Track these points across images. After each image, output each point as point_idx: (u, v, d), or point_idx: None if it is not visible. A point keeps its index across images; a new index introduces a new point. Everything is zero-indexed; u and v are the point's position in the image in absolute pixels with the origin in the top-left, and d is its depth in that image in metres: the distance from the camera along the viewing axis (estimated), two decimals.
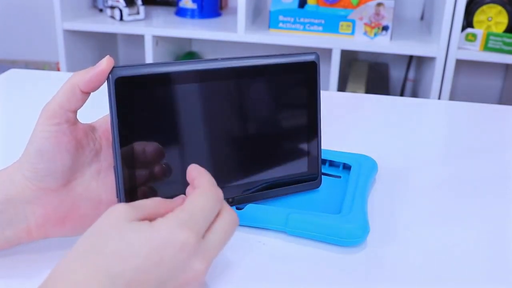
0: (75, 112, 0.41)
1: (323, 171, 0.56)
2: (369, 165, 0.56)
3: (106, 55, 0.41)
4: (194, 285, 0.36)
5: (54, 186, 0.41)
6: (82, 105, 0.41)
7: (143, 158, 0.43)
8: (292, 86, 0.49)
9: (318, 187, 0.52)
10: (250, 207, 0.48)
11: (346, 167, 0.57)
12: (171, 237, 0.35)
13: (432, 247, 0.47)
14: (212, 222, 0.38)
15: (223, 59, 0.45)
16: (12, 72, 0.88)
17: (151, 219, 0.36)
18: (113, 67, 0.40)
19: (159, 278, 0.34)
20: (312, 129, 0.50)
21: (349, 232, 0.45)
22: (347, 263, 0.44)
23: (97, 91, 0.41)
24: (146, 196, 0.42)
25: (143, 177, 0.43)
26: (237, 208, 0.48)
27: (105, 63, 0.40)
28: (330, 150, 0.57)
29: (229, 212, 0.39)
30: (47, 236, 0.42)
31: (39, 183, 0.41)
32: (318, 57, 0.49)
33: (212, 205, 0.38)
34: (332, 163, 0.58)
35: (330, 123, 0.72)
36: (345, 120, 0.74)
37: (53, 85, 0.42)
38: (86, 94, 0.41)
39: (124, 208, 0.36)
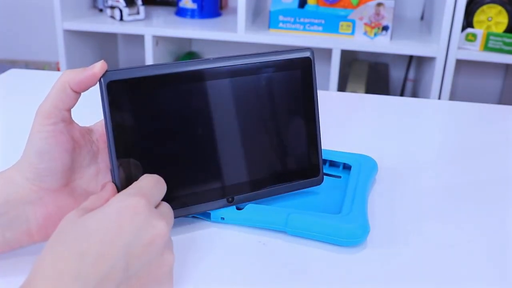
0: (69, 111, 0.42)
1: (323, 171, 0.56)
2: (369, 165, 0.56)
3: (106, 55, 0.42)
4: (160, 242, 0.36)
5: (55, 186, 0.42)
6: (75, 103, 0.42)
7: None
8: (288, 84, 0.49)
9: (320, 183, 0.52)
10: (250, 207, 0.48)
11: (346, 167, 0.57)
12: (122, 204, 0.36)
13: (432, 247, 0.47)
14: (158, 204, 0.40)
15: (215, 59, 0.45)
16: (12, 72, 0.88)
17: None
18: (106, 71, 0.40)
19: (125, 244, 0.34)
20: (311, 126, 0.50)
21: (349, 232, 0.45)
22: (347, 263, 0.44)
23: (93, 94, 0.41)
24: None
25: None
26: (237, 208, 0.48)
27: (99, 67, 0.40)
28: (330, 150, 0.57)
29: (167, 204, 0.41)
30: (48, 238, 0.42)
31: (40, 183, 0.41)
32: (312, 53, 0.49)
33: (157, 180, 0.40)
34: (332, 163, 0.58)
35: (330, 123, 0.72)
36: (345, 120, 0.74)
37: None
38: (78, 93, 0.41)
39: (72, 212, 0.37)
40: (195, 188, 0.46)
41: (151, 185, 0.39)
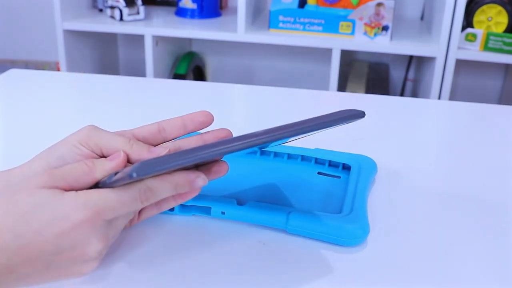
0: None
1: (322, 171, 0.56)
2: (369, 166, 0.56)
3: (106, 55, 0.41)
4: (65, 226, 0.35)
5: None
6: None
7: None
8: None
9: None
10: (251, 204, 0.48)
11: (346, 167, 0.57)
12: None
13: (432, 247, 0.47)
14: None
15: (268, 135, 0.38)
16: (12, 72, 0.88)
17: (73, 188, 0.37)
18: (138, 163, 0.35)
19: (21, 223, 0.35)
20: None
21: (349, 232, 0.45)
22: (347, 263, 0.44)
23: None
24: None
25: None
26: (238, 203, 0.48)
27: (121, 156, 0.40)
28: (330, 150, 0.58)
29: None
30: None
31: None
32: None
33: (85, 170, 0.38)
34: (331, 163, 0.58)
35: None
36: None
37: (53, 85, 0.42)
38: None
39: (43, 176, 0.37)
40: None
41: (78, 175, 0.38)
